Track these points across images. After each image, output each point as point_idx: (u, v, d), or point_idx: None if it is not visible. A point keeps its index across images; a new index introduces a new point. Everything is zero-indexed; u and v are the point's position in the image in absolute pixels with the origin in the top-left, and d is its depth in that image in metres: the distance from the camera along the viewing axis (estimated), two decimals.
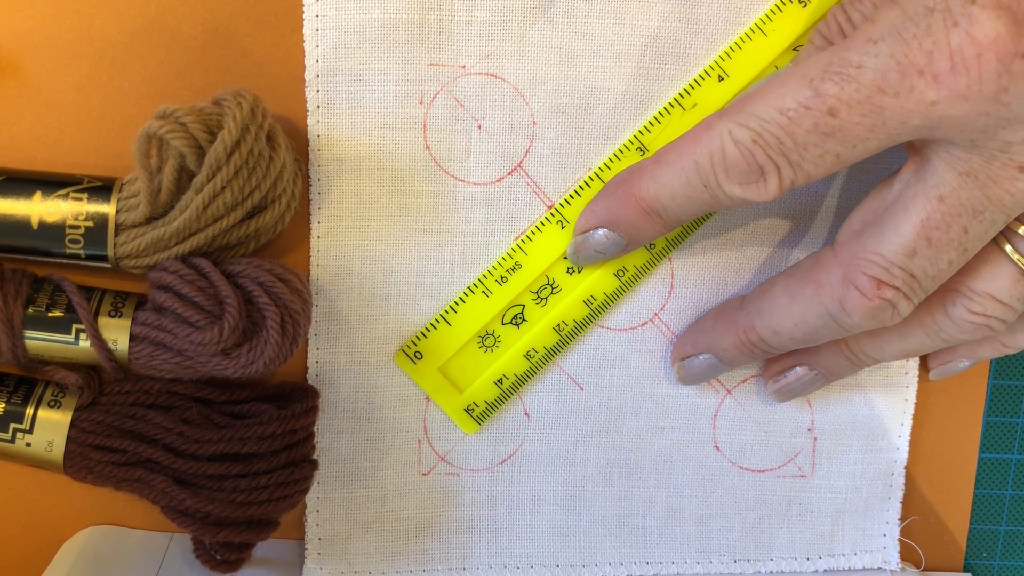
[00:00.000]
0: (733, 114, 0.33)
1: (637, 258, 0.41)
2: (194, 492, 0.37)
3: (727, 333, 0.39)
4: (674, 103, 0.40)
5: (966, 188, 0.32)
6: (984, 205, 0.32)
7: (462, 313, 0.40)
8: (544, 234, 0.40)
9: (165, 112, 0.35)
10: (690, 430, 0.42)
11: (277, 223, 0.37)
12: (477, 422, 0.41)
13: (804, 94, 0.32)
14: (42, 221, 0.36)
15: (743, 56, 0.40)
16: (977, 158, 0.32)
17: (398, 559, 0.42)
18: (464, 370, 0.41)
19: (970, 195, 0.32)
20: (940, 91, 0.30)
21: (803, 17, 0.40)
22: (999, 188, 0.32)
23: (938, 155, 0.32)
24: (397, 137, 0.40)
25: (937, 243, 0.33)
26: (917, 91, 0.30)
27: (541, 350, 0.41)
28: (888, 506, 0.44)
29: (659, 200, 0.36)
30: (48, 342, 0.36)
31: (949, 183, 0.32)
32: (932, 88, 0.30)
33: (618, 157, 0.40)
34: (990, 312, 0.35)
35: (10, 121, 0.38)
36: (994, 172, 0.32)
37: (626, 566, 0.43)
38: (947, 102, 0.30)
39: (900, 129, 0.31)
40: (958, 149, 0.32)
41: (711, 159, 0.34)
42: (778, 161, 0.33)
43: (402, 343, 0.41)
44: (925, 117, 0.31)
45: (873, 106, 0.31)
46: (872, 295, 0.34)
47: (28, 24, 0.38)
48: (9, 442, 0.37)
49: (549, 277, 0.41)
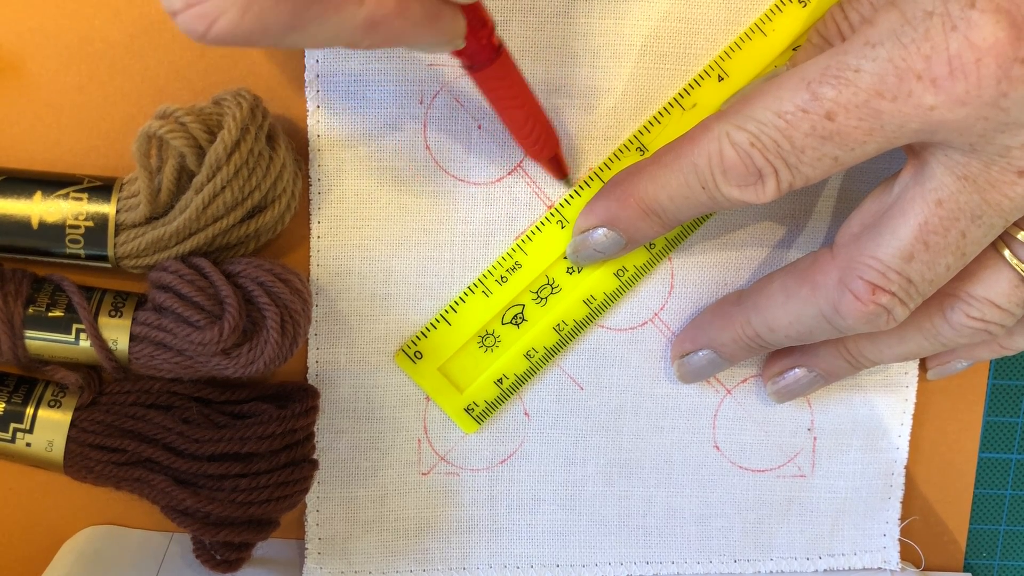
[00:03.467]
0: (731, 117, 0.33)
1: (637, 258, 0.41)
2: (194, 492, 0.37)
3: (725, 328, 0.39)
4: (674, 103, 0.40)
5: (964, 192, 0.32)
6: (982, 209, 0.32)
7: (462, 313, 0.40)
8: (544, 234, 0.40)
9: (165, 112, 0.35)
10: (690, 430, 0.43)
11: (277, 223, 0.37)
12: (477, 422, 0.41)
13: (802, 97, 0.32)
14: (42, 221, 0.36)
15: (743, 56, 0.40)
16: (976, 162, 0.31)
17: (398, 559, 0.42)
18: (464, 370, 0.41)
19: (968, 199, 0.32)
20: (938, 96, 0.30)
21: (802, 17, 0.40)
22: (997, 192, 0.32)
23: (937, 159, 0.32)
24: (397, 137, 0.40)
25: (935, 247, 0.33)
26: (915, 96, 0.30)
27: (541, 350, 0.41)
28: (888, 506, 0.44)
29: (658, 201, 0.36)
30: (48, 342, 0.36)
31: (947, 187, 0.32)
32: (930, 93, 0.30)
33: (618, 157, 0.40)
34: (989, 317, 0.35)
35: (10, 121, 0.38)
36: (993, 176, 0.31)
37: (626, 566, 0.43)
38: (945, 107, 0.30)
39: (898, 133, 0.31)
40: (957, 153, 0.32)
41: (709, 161, 0.34)
42: (776, 164, 0.33)
43: (402, 343, 0.41)
44: (923, 121, 0.31)
45: (871, 110, 0.31)
46: (867, 300, 0.34)
47: (28, 24, 0.38)
48: (9, 442, 0.37)
49: (549, 277, 0.41)
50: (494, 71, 0.35)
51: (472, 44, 0.33)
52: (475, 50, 0.34)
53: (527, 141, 0.38)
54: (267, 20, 0.28)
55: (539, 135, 0.38)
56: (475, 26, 0.33)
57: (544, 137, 0.38)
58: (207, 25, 0.27)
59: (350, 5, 0.29)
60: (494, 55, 0.34)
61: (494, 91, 0.36)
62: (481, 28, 0.33)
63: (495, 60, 0.34)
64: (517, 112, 0.37)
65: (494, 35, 0.34)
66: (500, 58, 0.35)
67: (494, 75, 0.35)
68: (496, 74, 0.35)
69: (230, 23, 0.27)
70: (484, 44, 0.34)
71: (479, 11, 0.33)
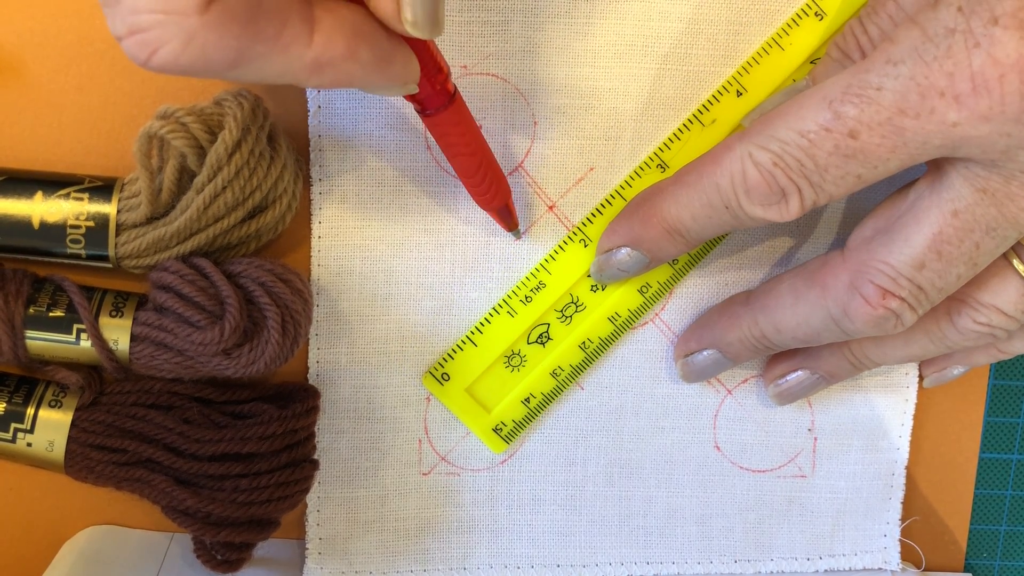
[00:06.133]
0: (753, 136, 0.33)
1: (660, 274, 0.41)
2: (195, 492, 0.37)
3: (731, 327, 0.39)
4: (693, 119, 0.40)
5: (982, 205, 0.32)
6: (998, 222, 0.32)
7: (488, 334, 0.40)
8: (567, 253, 0.40)
9: (166, 112, 0.35)
10: (691, 430, 0.43)
11: (278, 223, 0.37)
12: (505, 441, 0.41)
13: (824, 116, 0.32)
14: (43, 221, 0.36)
15: (761, 71, 0.40)
16: (996, 177, 0.31)
17: (398, 559, 0.42)
18: (491, 390, 0.41)
19: (985, 212, 0.32)
20: (961, 112, 0.30)
21: (820, 30, 0.40)
22: (1015, 206, 0.32)
23: (957, 170, 0.32)
24: (398, 137, 0.40)
25: (948, 257, 0.33)
26: (938, 112, 0.30)
27: (567, 368, 0.41)
28: (888, 506, 0.44)
29: (681, 221, 0.36)
30: (49, 342, 0.36)
31: (965, 199, 0.32)
32: (953, 109, 0.30)
33: (639, 175, 0.40)
34: (995, 323, 0.36)
35: (10, 121, 0.38)
36: (1012, 191, 0.31)
37: (627, 566, 0.43)
38: (968, 123, 0.30)
39: (921, 150, 0.31)
40: (978, 167, 0.32)
41: (732, 181, 0.34)
42: (799, 183, 0.33)
43: (403, 344, 0.41)
44: (946, 138, 0.31)
45: (894, 128, 0.31)
46: (877, 304, 0.34)
47: (28, 24, 0.38)
48: (10, 442, 0.37)
49: (573, 295, 0.41)
50: (447, 117, 0.35)
51: (425, 89, 0.33)
52: (429, 95, 0.34)
53: (478, 190, 0.38)
54: (210, 55, 0.28)
55: (490, 184, 0.38)
56: (429, 71, 0.33)
57: (495, 186, 0.38)
58: (148, 53, 0.27)
59: (297, 46, 0.29)
60: (447, 101, 0.34)
61: (446, 136, 0.36)
62: (436, 74, 0.33)
63: (448, 106, 0.34)
64: (469, 160, 0.37)
65: (448, 81, 0.34)
66: (453, 104, 0.35)
67: (447, 120, 0.35)
68: (449, 119, 0.35)
69: (171, 54, 0.27)
70: (438, 90, 0.34)
71: (434, 57, 0.33)
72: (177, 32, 0.27)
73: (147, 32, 0.27)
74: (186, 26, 0.27)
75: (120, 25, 0.27)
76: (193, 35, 0.27)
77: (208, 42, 0.27)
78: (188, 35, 0.27)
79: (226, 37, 0.27)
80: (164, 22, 0.27)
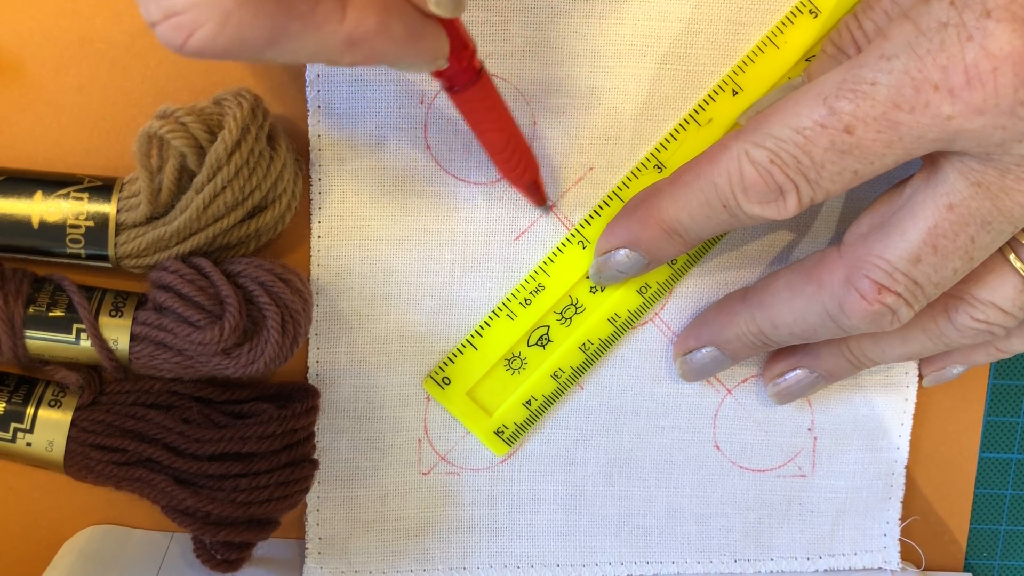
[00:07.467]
0: (749, 134, 0.33)
1: (659, 274, 0.41)
2: (194, 491, 0.37)
3: (729, 324, 0.39)
4: (689, 119, 0.40)
5: (977, 198, 0.32)
6: (993, 216, 0.32)
7: (488, 337, 0.40)
8: (566, 255, 0.40)
9: (166, 112, 0.35)
10: (691, 430, 0.43)
11: (278, 223, 0.38)
12: (507, 444, 0.41)
13: (819, 112, 0.32)
14: (43, 221, 0.36)
15: (756, 69, 0.40)
16: (992, 170, 0.31)
17: (398, 559, 0.42)
18: (492, 393, 0.41)
19: (980, 205, 0.32)
20: (956, 105, 0.30)
21: (814, 28, 0.40)
22: (1010, 200, 0.32)
23: (952, 164, 0.32)
24: (398, 137, 0.40)
25: (943, 251, 0.33)
26: (933, 106, 0.30)
27: (568, 370, 0.41)
28: (888, 506, 0.44)
29: (679, 221, 0.36)
30: (49, 342, 0.36)
31: (960, 192, 0.32)
32: (947, 102, 0.30)
33: (636, 175, 0.40)
34: (992, 320, 0.36)
35: (10, 121, 0.38)
36: (1007, 184, 0.32)
37: (626, 566, 0.43)
38: (963, 116, 0.30)
39: (917, 144, 0.31)
40: (973, 160, 0.32)
41: (729, 180, 0.34)
42: (796, 180, 0.33)
43: (403, 344, 0.41)
44: (941, 131, 0.31)
45: (889, 122, 0.31)
46: (872, 299, 0.34)
47: (28, 24, 0.38)
48: (10, 441, 0.37)
49: (573, 297, 0.41)
50: (475, 93, 0.35)
51: (454, 65, 0.33)
52: (456, 71, 0.34)
53: (507, 166, 0.38)
54: (245, 35, 0.28)
55: (519, 159, 0.38)
56: (456, 48, 0.33)
57: (524, 162, 0.38)
58: (185, 37, 0.27)
59: (330, 23, 0.29)
60: (475, 77, 0.34)
61: (474, 113, 0.36)
62: (463, 49, 0.33)
63: (476, 82, 0.35)
64: (497, 136, 0.37)
65: (475, 57, 0.34)
66: (481, 80, 0.35)
67: (474, 97, 0.35)
68: (476, 96, 0.35)
69: (208, 36, 0.27)
70: (465, 66, 0.34)
71: (460, 33, 0.33)
72: (212, 13, 0.27)
73: (183, 15, 0.27)
74: (221, 7, 0.27)
75: (155, 10, 0.27)
76: (228, 15, 0.27)
77: (243, 22, 0.27)
78: (224, 16, 0.27)
79: (261, 16, 0.27)
80: (199, 3, 0.27)
